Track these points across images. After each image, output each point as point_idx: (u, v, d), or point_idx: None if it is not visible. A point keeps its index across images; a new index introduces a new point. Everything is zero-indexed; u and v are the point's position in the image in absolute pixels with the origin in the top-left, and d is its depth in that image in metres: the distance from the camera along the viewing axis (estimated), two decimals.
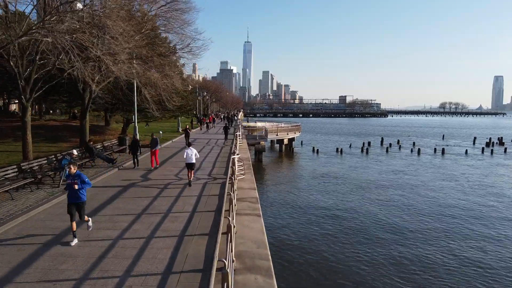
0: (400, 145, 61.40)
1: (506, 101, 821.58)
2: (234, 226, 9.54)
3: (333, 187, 30.23)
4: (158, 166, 19.09)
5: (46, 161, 15.95)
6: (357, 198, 26.74)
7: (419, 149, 53.30)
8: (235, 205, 11.50)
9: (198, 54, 22.98)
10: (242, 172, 17.44)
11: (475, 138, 73.29)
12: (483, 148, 56.81)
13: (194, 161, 15.76)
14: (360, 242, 18.39)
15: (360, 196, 27.32)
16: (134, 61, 17.45)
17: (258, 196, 14.00)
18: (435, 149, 55.10)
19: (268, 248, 8.96)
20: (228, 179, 13.95)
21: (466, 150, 53.91)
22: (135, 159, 19.01)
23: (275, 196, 27.41)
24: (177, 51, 22.91)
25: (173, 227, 10.17)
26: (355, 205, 24.83)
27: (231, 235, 7.27)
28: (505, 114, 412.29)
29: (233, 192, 11.33)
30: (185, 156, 15.78)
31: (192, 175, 15.94)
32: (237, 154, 17.61)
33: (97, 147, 21.30)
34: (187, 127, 26.55)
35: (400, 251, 17.28)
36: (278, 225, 20.74)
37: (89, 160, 19.14)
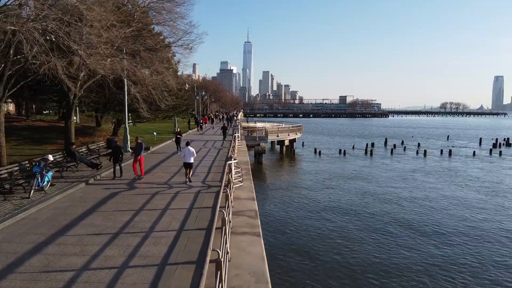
0: (405, 147, 59.46)
1: (506, 101, 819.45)
2: (227, 253, 7.75)
3: (339, 195, 27.76)
4: (142, 177, 16.25)
5: (18, 168, 14.12)
6: (370, 209, 23.85)
7: (425, 151, 51.33)
8: (229, 222, 9.71)
9: (192, 48, 21.10)
10: (240, 179, 15.64)
11: (481, 139, 71.41)
12: (491, 150, 54.96)
13: (192, 161, 15.82)
14: (384, 271, 15.39)
15: (373, 206, 24.65)
16: (120, 55, 15.61)
17: (257, 209, 12.20)
18: (441, 151, 53.20)
19: (269, 282, 7.16)
20: (222, 189, 12.15)
21: (474, 152, 52.01)
22: (117, 168, 16.33)
23: (276, 206, 24.53)
24: (169, 45, 20.99)
25: (153, 252, 8.36)
26: (369, 217, 22.28)
27: (221, 272, 5.49)
28: (506, 114, 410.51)
29: (228, 206, 9.53)
30: (182, 155, 15.88)
31: (190, 174, 15.97)
32: (234, 159, 15.80)
33: (81, 150, 19.49)
34: (178, 130, 23.42)
35: (429, 271, 15.46)
36: (281, 246, 17.69)
37: (70, 165, 17.31)
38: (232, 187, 13.89)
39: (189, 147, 15.88)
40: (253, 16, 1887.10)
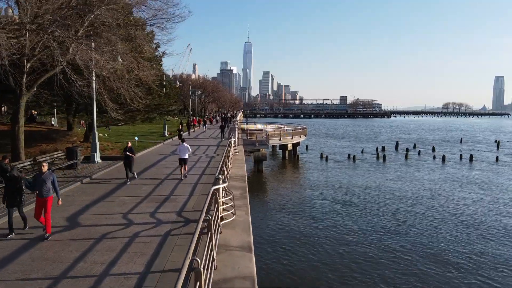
0: (419, 151, 54.05)
1: (507, 101, 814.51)
2: None
3: (364, 226, 20.56)
4: (48, 234, 9.12)
5: None
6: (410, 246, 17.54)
7: (443, 156, 46.32)
8: None
9: (168, 27, 16.43)
10: (232, 210, 10.93)
11: (498, 142, 66.46)
12: None
13: (187, 156, 16.48)
14: None
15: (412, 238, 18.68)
16: (49, 29, 10.98)
17: (255, 273, 7.45)
18: (461, 156, 48.14)
19: None
20: (195, 242, 7.37)
21: (497, 157, 46.99)
22: (17, 215, 9.67)
23: (283, 254, 16.50)
24: (133, 20, 16.27)
25: None
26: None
27: None
28: (509, 114, 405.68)
29: (203, 284, 4.84)
30: (178, 151, 16.74)
31: (186, 170, 16.59)
32: (224, 182, 11.09)
33: (23, 165, 14.78)
34: (129, 146, 16.45)
35: None
36: None
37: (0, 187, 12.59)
38: (219, 227, 9.28)
39: (184, 143, 16.82)
40: (253, 17, 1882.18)
